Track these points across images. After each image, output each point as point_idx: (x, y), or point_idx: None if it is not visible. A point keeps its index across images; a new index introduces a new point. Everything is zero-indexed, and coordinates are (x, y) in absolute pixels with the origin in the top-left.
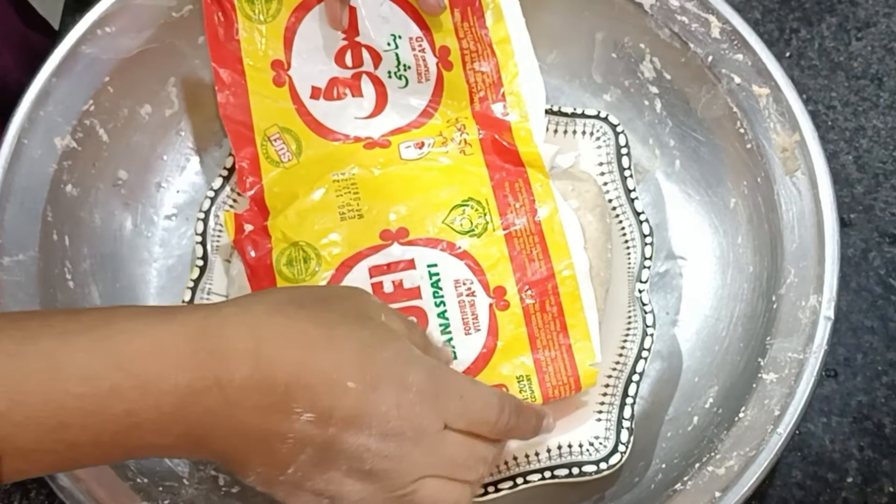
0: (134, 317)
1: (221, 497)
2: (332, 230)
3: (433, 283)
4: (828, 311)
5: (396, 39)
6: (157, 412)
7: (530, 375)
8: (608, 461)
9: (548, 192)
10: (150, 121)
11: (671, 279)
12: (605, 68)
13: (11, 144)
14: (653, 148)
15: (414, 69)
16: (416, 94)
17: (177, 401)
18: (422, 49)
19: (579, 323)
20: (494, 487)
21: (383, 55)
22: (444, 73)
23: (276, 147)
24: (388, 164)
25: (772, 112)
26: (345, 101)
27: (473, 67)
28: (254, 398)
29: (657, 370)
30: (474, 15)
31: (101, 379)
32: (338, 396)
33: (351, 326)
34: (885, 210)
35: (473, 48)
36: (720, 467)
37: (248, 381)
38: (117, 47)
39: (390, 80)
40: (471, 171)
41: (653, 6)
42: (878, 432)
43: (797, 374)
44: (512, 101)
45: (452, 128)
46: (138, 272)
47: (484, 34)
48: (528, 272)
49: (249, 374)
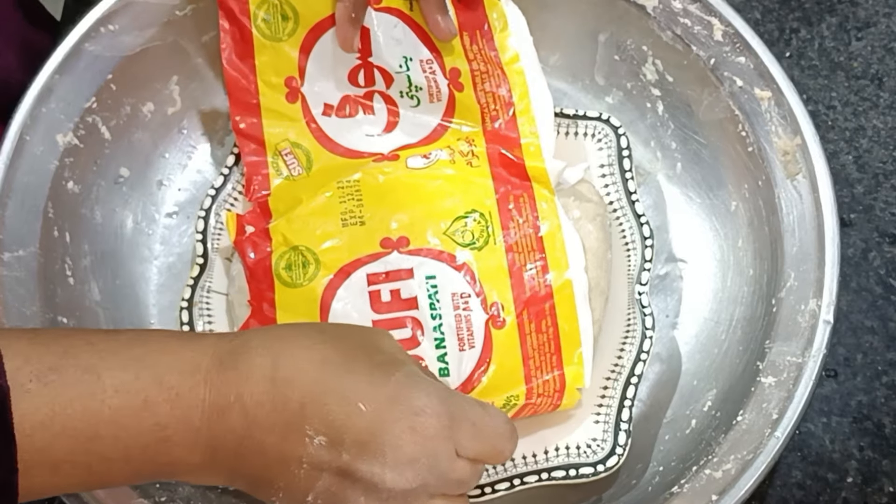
0: (168, 338)
1: (218, 495)
2: (332, 235)
3: (430, 295)
4: (827, 315)
5: (408, 62)
6: (185, 426)
7: (519, 396)
8: (605, 463)
9: (552, 208)
10: (152, 118)
11: (671, 282)
12: (608, 70)
13: (13, 141)
14: (654, 150)
15: (426, 90)
16: (428, 113)
17: (203, 416)
18: (432, 71)
19: (573, 345)
20: (492, 488)
21: (395, 76)
22: (456, 94)
23: (286, 161)
24: (394, 171)
25: (773, 115)
26: (357, 118)
27: (484, 88)
28: (270, 416)
29: (656, 373)
30: (483, 38)
31: (136, 391)
32: (350, 417)
33: (365, 354)
34: (885, 210)
35: (483, 69)
36: (717, 470)
37: (264, 397)
38: (120, 45)
39: (402, 99)
40: (476, 183)
41: (655, 8)
42: (878, 432)
43: (796, 377)
44: (523, 120)
45: (462, 141)
46: (139, 269)
47: (493, 56)
48: (526, 289)
49: (266, 393)
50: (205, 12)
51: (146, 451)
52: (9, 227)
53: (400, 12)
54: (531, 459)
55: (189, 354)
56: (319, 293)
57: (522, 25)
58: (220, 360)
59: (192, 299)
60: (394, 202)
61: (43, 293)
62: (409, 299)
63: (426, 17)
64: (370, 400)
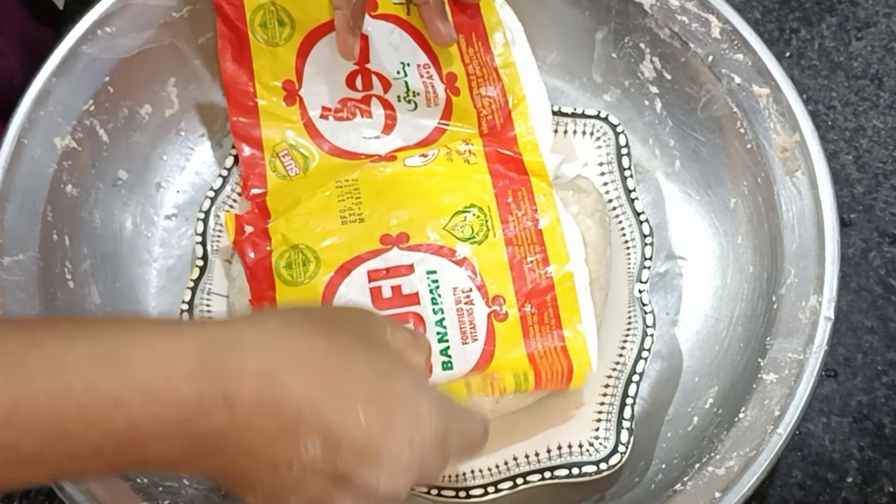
0: (142, 327)
1: (221, 497)
2: (332, 233)
3: (432, 290)
4: (828, 311)
5: (405, 67)
6: (160, 426)
7: (527, 373)
8: (608, 461)
9: (550, 201)
10: (150, 121)
11: (671, 279)
12: (606, 68)
13: (11, 144)
14: (653, 148)
15: (423, 95)
16: (426, 116)
17: (182, 415)
18: (429, 76)
19: (577, 336)
20: (494, 488)
21: (393, 82)
22: (453, 98)
23: (283, 162)
24: (392, 169)
25: (772, 112)
26: (354, 121)
27: (480, 92)
28: (263, 420)
29: (657, 370)
30: (479, 41)
31: (105, 388)
32: (349, 424)
33: (365, 352)
34: (885, 210)
35: (479, 73)
36: (720, 467)
37: (257, 401)
38: (117, 47)
39: (400, 103)
40: (474, 178)
41: (653, 6)
42: (878, 432)
43: (797, 374)
44: (519, 120)
45: (459, 142)
46: (138, 272)
47: (489, 59)
48: (527, 281)
49: (259, 394)
50: (201, 14)
51: (118, 450)
52: (8, 230)
53: (397, 18)
54: (534, 458)
55: (167, 347)
56: (321, 291)
57: (517, 28)
58: (203, 355)
59: (193, 302)
60: (392, 199)
61: (43, 297)
62: (410, 295)
63: (427, 23)
64: (371, 405)
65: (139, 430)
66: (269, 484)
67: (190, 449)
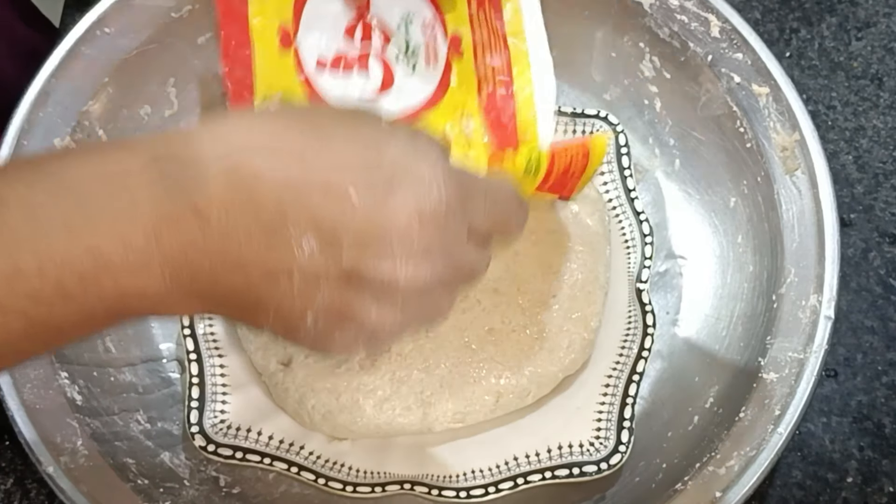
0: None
1: (222, 498)
2: None
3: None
4: (828, 310)
5: (408, 20)
6: (124, 248)
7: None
8: (609, 461)
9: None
10: (149, 121)
11: (671, 279)
12: (605, 67)
13: (11, 146)
14: (652, 147)
15: (422, 54)
16: (423, 79)
17: (147, 234)
18: (433, 34)
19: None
20: (495, 488)
21: (393, 36)
22: (453, 61)
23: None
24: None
25: (771, 111)
26: (350, 75)
27: (484, 60)
28: (241, 222)
29: (657, 370)
30: (491, 6)
31: (52, 214)
32: (342, 209)
33: (348, 125)
34: (885, 210)
35: (486, 40)
36: (721, 467)
37: (229, 200)
38: (117, 48)
39: (398, 62)
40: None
41: (652, 5)
42: (878, 432)
43: (797, 373)
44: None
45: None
46: None
47: (499, 26)
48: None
49: (228, 191)
50: (200, 14)
51: (84, 282)
52: None
53: None
54: (534, 458)
55: (115, 165)
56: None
57: None
58: (157, 165)
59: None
60: None
61: None
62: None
63: None
64: (364, 184)
65: (102, 258)
66: (276, 300)
67: (170, 272)
